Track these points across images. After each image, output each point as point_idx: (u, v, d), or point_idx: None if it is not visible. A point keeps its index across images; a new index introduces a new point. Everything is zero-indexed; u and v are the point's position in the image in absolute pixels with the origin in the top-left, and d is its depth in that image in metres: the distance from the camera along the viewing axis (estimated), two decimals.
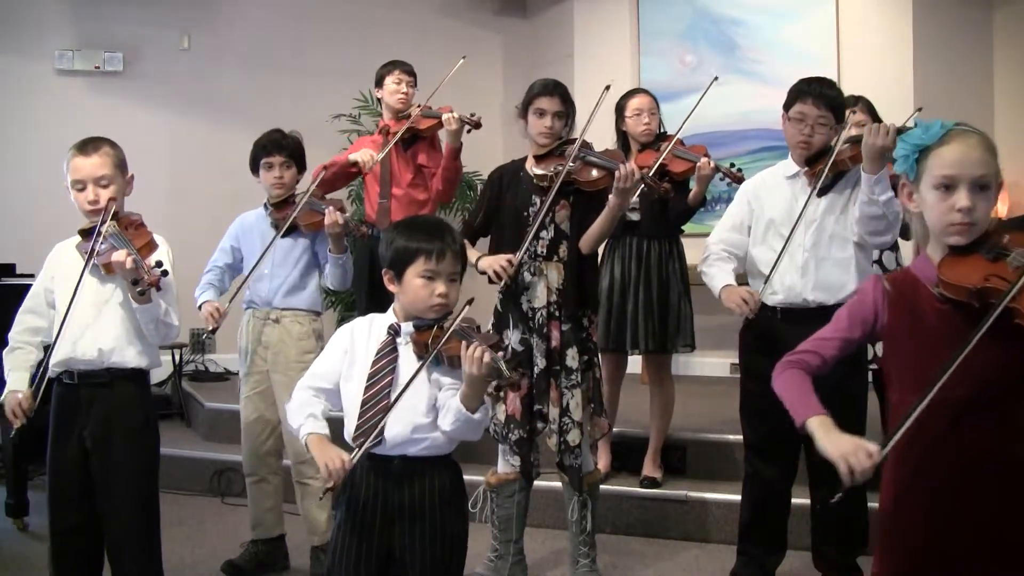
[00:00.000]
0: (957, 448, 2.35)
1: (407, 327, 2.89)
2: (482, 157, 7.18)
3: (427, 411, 2.84)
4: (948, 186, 2.36)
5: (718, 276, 4.04)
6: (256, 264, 4.50)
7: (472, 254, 4.12)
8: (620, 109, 5.19)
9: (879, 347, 3.50)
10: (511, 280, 4.06)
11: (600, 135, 4.56)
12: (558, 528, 4.62)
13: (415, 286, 2.85)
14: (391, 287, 2.92)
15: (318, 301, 4.73)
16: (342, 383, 2.93)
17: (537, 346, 4.10)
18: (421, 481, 2.85)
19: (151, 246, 3.53)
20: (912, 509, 2.42)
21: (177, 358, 7.41)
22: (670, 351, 5.21)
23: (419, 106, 5.50)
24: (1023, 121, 7.40)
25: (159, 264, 3.39)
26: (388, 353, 2.88)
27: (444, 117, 5.26)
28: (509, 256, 4.06)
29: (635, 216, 5.04)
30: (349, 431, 2.86)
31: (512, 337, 4.13)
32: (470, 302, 2.79)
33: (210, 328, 4.47)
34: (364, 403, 2.83)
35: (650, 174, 4.30)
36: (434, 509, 2.86)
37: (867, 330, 2.51)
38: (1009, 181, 7.08)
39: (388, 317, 2.96)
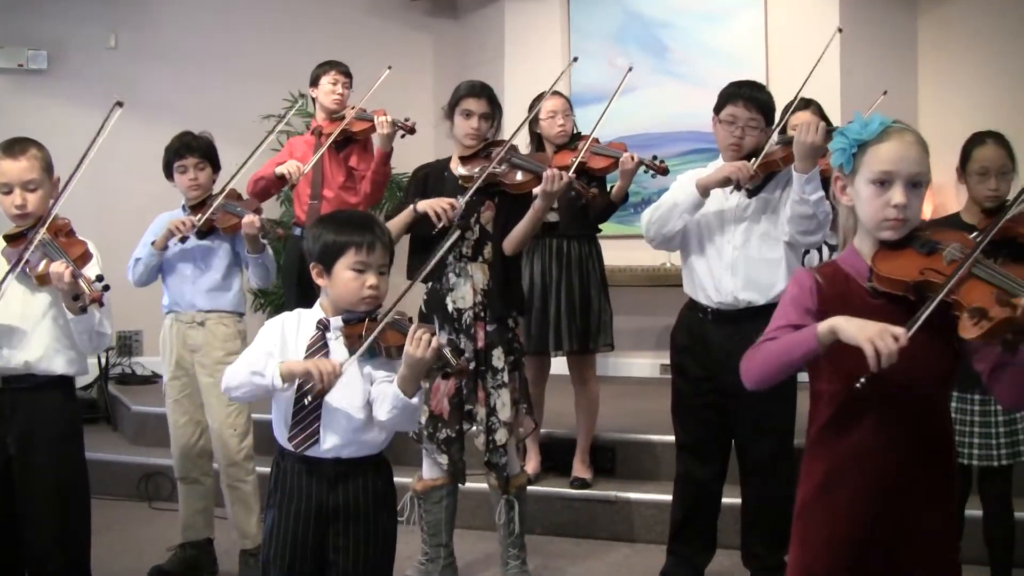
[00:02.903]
0: (885, 437, 2.39)
1: (336, 321, 2.88)
2: (412, 158, 7.12)
3: (362, 407, 2.83)
4: (884, 182, 2.39)
5: (680, 182, 4.00)
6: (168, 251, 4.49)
7: (408, 211, 4.12)
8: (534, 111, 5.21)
9: None
10: (450, 223, 4.00)
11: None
12: (488, 530, 4.62)
13: (345, 279, 2.83)
14: (320, 280, 2.90)
15: (242, 302, 4.70)
16: None
17: (464, 346, 4.11)
18: (355, 482, 2.86)
19: (86, 257, 3.47)
20: (838, 498, 2.45)
21: (103, 361, 7.29)
22: (593, 351, 5.24)
23: (353, 108, 5.47)
24: (947, 125, 7.47)
25: (100, 278, 3.32)
26: (319, 349, 2.87)
27: (377, 120, 5.24)
28: (452, 200, 4.04)
29: (554, 217, 5.04)
30: (282, 433, 2.86)
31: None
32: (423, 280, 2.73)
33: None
34: (297, 401, 2.81)
35: (571, 173, 4.30)
36: (368, 510, 2.87)
37: (811, 321, 2.45)
38: (934, 183, 7.18)
39: (316, 312, 2.94)
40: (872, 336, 2.17)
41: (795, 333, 2.38)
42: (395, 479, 3.01)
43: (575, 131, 5.29)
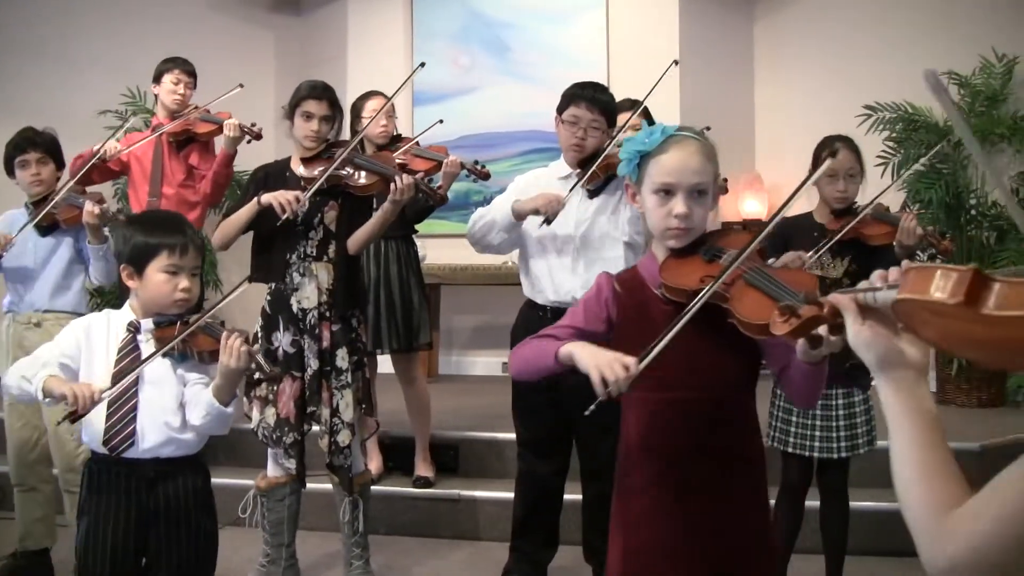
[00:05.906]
0: (694, 445, 2.43)
1: (147, 324, 2.87)
2: (251, 157, 7.08)
3: (177, 409, 2.83)
4: (667, 192, 2.44)
5: (499, 203, 4.05)
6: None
7: (251, 205, 4.08)
8: (357, 110, 5.25)
9: None
10: (295, 216, 3.99)
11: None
12: (331, 531, 4.59)
13: (157, 281, 2.84)
14: (130, 283, 2.89)
15: (82, 303, 4.60)
16: None
17: (309, 347, 4.09)
18: (174, 483, 2.87)
19: None
20: (649, 505, 2.48)
21: None
22: (416, 349, 5.28)
23: (196, 108, 5.38)
24: (782, 126, 7.76)
25: None
26: (130, 352, 2.86)
27: (225, 124, 5.17)
28: (297, 192, 4.00)
29: None
30: (95, 437, 2.83)
31: (283, 339, 4.10)
32: (248, 280, 2.76)
33: None
34: (111, 404, 2.79)
35: (406, 175, 4.31)
36: (187, 511, 2.89)
37: (603, 328, 2.51)
38: (768, 184, 7.42)
39: (126, 314, 2.92)
40: (601, 365, 2.20)
41: (547, 344, 2.42)
42: (238, 480, 2.99)
43: (396, 132, 5.33)
